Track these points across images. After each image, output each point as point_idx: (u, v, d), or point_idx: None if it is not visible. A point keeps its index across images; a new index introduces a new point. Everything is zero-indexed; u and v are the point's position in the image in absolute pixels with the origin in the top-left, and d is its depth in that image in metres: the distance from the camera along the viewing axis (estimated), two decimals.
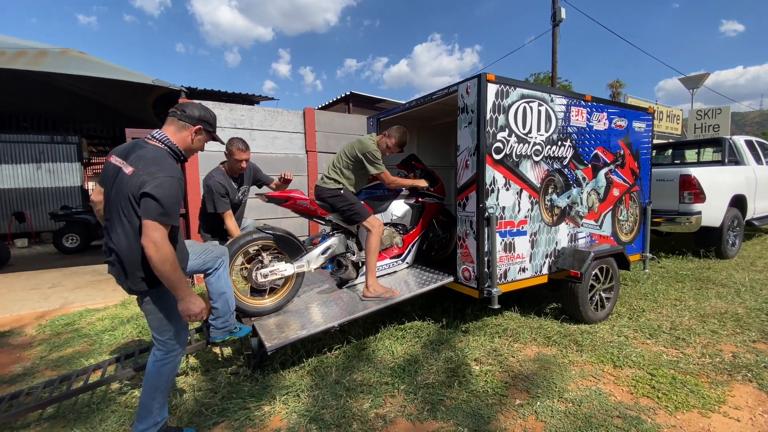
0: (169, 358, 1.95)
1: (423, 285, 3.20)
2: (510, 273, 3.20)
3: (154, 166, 1.67)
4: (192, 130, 1.87)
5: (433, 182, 3.71)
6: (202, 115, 1.90)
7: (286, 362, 2.88)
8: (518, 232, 3.22)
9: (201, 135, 1.91)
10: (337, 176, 3.16)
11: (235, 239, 2.84)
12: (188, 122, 1.85)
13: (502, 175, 3.07)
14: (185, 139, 1.86)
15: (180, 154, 1.86)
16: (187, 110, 1.86)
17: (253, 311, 2.93)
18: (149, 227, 1.61)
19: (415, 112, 4.01)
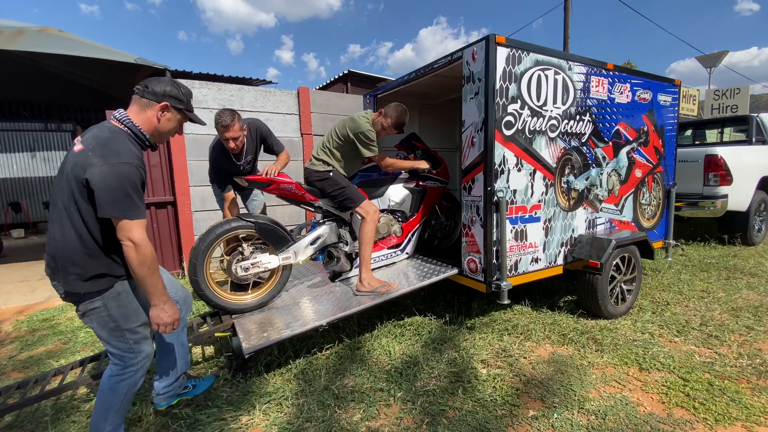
0: (127, 374, 1.66)
1: (424, 278, 2.88)
2: (521, 264, 2.87)
3: (105, 148, 1.42)
4: (157, 108, 1.58)
5: (436, 164, 3.35)
6: (169, 91, 1.60)
7: (272, 364, 2.59)
8: (531, 218, 2.87)
9: (169, 113, 1.62)
10: (326, 157, 2.81)
11: (211, 228, 2.53)
12: (152, 99, 1.57)
13: (514, 154, 2.71)
14: (149, 119, 1.58)
15: (144, 139, 1.59)
16: (150, 85, 1.58)
17: (234, 308, 2.64)
18: (124, 227, 1.42)
19: (415, 86, 3.62)
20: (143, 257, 1.45)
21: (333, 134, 2.83)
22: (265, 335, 2.29)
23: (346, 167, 2.86)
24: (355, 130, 2.71)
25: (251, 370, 2.53)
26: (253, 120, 2.99)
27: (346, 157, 2.83)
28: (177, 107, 1.63)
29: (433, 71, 3.08)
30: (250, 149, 2.95)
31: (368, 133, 2.70)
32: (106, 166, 1.38)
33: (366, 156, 2.76)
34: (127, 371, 1.66)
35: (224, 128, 2.62)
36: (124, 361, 1.65)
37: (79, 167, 1.41)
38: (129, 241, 1.42)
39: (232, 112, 2.65)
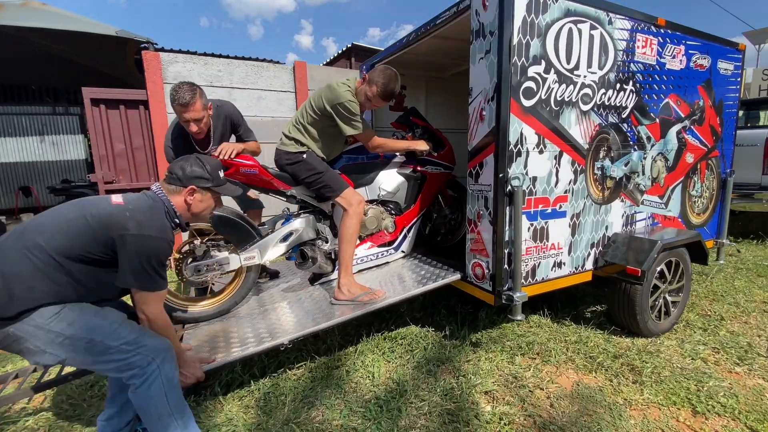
0: (152, 376, 1.41)
1: (419, 283, 2.36)
2: (540, 270, 2.30)
3: (146, 216, 1.42)
4: (185, 193, 1.57)
5: (438, 145, 2.78)
6: (192, 172, 1.57)
7: (233, 383, 2.15)
8: (554, 213, 2.29)
9: (198, 194, 1.60)
10: (299, 136, 2.30)
11: None
12: (178, 184, 1.56)
13: (534, 131, 2.12)
14: (180, 203, 1.58)
15: (176, 218, 1.57)
16: (174, 171, 1.57)
17: (186, 317, 2.19)
18: (141, 298, 1.44)
19: (418, 53, 3.04)
20: (156, 330, 1.48)
21: (307, 107, 2.30)
22: (214, 356, 1.83)
23: (324, 148, 2.34)
24: (333, 100, 2.17)
25: (206, 391, 2.09)
26: (222, 102, 2.49)
27: (324, 136, 2.30)
28: (205, 187, 1.60)
29: (436, 29, 2.48)
30: (218, 136, 2.45)
31: (349, 104, 2.15)
32: (141, 236, 1.36)
33: (347, 134, 2.22)
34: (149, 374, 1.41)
35: (182, 107, 2.11)
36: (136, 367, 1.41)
37: (114, 223, 1.36)
38: (143, 314, 1.45)
39: (192, 86, 2.14)
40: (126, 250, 1.34)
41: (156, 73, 4.29)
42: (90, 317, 1.37)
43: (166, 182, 1.56)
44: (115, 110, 4.34)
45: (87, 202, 1.45)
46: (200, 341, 2.02)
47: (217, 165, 1.65)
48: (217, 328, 2.15)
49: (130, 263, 1.35)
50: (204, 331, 2.13)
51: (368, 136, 2.28)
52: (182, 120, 2.19)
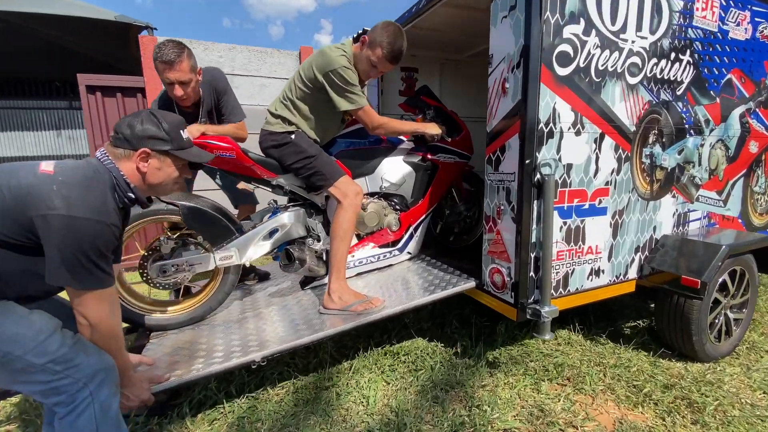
0: (81, 404, 1.12)
1: (426, 291, 1.98)
2: (574, 278, 1.89)
3: (78, 192, 1.08)
4: (135, 158, 1.23)
5: (454, 130, 2.39)
6: (143, 130, 1.23)
7: (206, 402, 1.83)
8: (593, 209, 1.88)
9: (156, 159, 1.26)
10: (287, 113, 1.95)
11: None
12: (126, 147, 1.23)
13: (570, 107, 1.71)
14: (132, 172, 1.24)
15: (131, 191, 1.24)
16: (121, 129, 1.23)
17: (154, 324, 1.89)
18: (77, 299, 1.11)
19: (429, 25, 2.66)
20: (98, 340, 1.16)
21: (296, 79, 1.95)
22: (173, 372, 1.51)
23: (317, 128, 1.99)
24: (325, 67, 1.81)
25: (173, 411, 1.78)
26: (209, 68, 2.17)
27: (317, 113, 1.95)
28: (162, 150, 1.25)
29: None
30: (206, 110, 2.14)
31: (343, 72, 1.79)
32: (70, 218, 1.04)
33: (342, 109, 1.87)
34: (78, 402, 1.11)
35: (166, 66, 1.81)
36: (63, 392, 1.11)
37: (36, 199, 1.04)
38: (82, 318, 1.13)
39: (179, 44, 1.84)
40: (51, 235, 1.04)
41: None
42: (9, 324, 1.06)
43: (113, 145, 1.23)
44: (112, 98, 4.12)
45: (10, 168, 1.12)
46: (164, 353, 1.70)
47: (179, 123, 1.30)
48: (185, 337, 1.83)
49: (60, 253, 1.04)
50: (170, 341, 1.82)
51: (368, 113, 1.91)
52: (165, 82, 1.89)
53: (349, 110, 1.87)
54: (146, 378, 1.43)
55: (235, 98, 2.20)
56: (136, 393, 1.35)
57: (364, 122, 1.92)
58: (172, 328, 1.91)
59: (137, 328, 1.95)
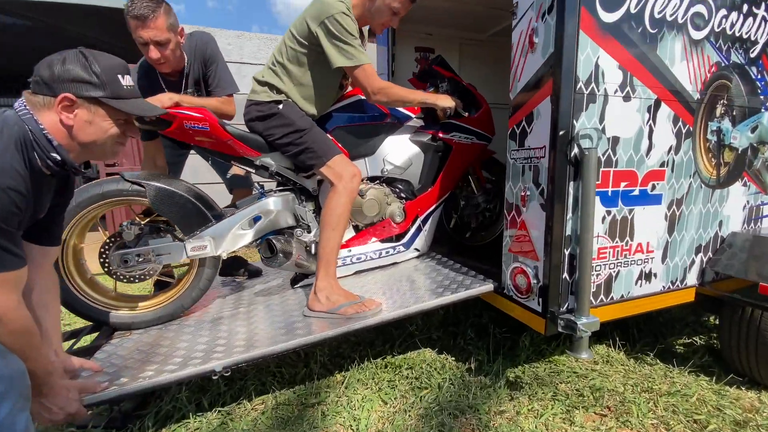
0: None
1: (434, 293, 1.65)
2: (619, 283, 1.52)
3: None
4: (57, 107, 0.98)
5: (471, 106, 2.05)
6: (66, 71, 0.97)
7: (174, 414, 1.56)
8: (644, 196, 1.50)
9: (84, 110, 1.00)
10: (275, 79, 1.68)
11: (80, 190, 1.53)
12: (45, 92, 0.97)
13: (618, 63, 1.35)
14: (54, 124, 0.99)
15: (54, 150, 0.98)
16: (40, 71, 0.98)
17: (118, 322, 1.64)
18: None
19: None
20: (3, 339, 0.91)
21: (287, 38, 1.67)
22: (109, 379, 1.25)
23: (309, 98, 1.70)
24: (320, 15, 1.51)
25: (134, 425, 1.52)
26: (198, 32, 1.93)
27: (310, 78, 1.66)
28: (91, 97, 1.00)
29: None
30: (193, 79, 1.90)
31: (341, 18, 1.49)
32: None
33: (336, 65, 1.57)
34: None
35: (139, 22, 1.57)
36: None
37: None
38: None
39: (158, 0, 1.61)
40: None
41: None
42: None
43: (31, 92, 0.99)
44: None
45: None
46: (120, 356, 1.45)
47: (117, 65, 1.05)
48: (148, 339, 1.57)
49: None
50: (132, 342, 1.56)
51: (368, 73, 1.59)
52: (139, 42, 1.66)
53: (345, 67, 1.57)
54: (75, 386, 1.16)
55: (225, 68, 1.95)
56: (60, 404, 1.09)
57: (363, 85, 1.61)
58: (138, 327, 1.66)
59: (101, 326, 1.71)
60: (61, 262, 1.55)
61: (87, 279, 1.64)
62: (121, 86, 1.05)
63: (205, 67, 1.91)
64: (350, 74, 1.61)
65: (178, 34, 1.71)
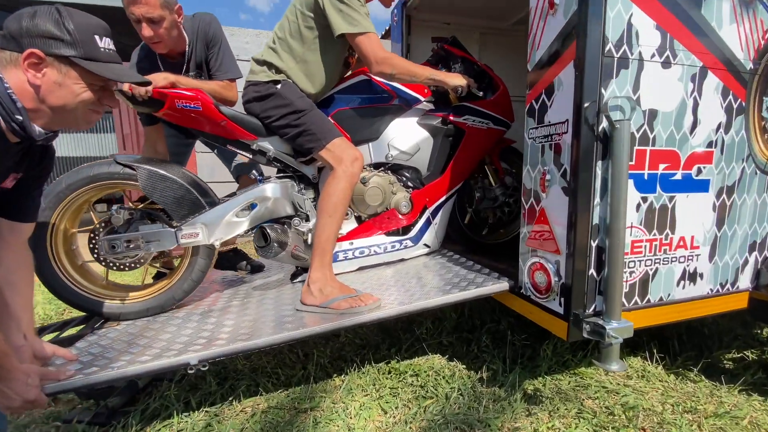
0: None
1: (440, 291, 1.48)
2: (658, 283, 1.30)
3: None
4: (23, 64, 0.88)
5: (488, 87, 1.89)
6: (34, 26, 0.88)
7: (161, 413, 1.47)
8: (688, 181, 1.29)
9: (54, 69, 0.91)
10: (274, 57, 1.59)
11: (62, 177, 1.48)
12: (12, 48, 0.89)
13: (655, 22, 1.16)
14: (21, 83, 0.90)
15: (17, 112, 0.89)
16: (8, 25, 0.89)
17: (106, 312, 1.56)
18: None
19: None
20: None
21: (289, 14, 1.58)
22: (88, 369, 1.16)
23: (311, 75, 1.59)
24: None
25: (118, 422, 1.43)
26: (201, 13, 1.88)
27: (313, 53, 1.56)
28: (62, 55, 0.91)
29: None
30: (195, 62, 1.84)
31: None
32: None
33: (339, 32, 1.45)
34: None
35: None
36: None
37: None
38: None
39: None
40: None
41: None
42: None
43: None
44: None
45: None
46: (102, 346, 1.36)
47: (96, 26, 0.96)
48: (133, 330, 1.48)
49: None
50: (117, 332, 1.47)
51: (372, 40, 1.47)
52: (131, 19, 1.60)
53: (348, 34, 1.46)
54: (36, 372, 1.06)
55: (228, 51, 1.88)
56: (17, 389, 1.00)
57: (366, 53, 1.48)
58: (127, 318, 1.58)
59: (92, 317, 1.64)
60: (50, 247, 1.49)
61: (77, 266, 1.58)
62: (98, 47, 0.95)
63: (207, 49, 1.85)
64: (353, 42, 1.49)
65: (175, 12, 1.64)
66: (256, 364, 1.77)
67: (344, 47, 1.60)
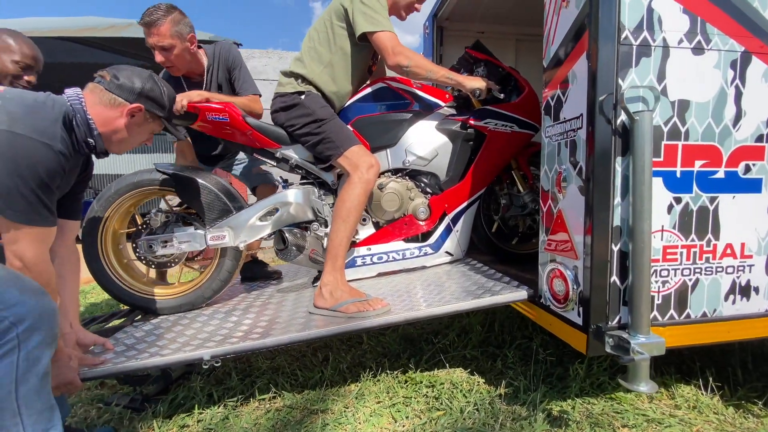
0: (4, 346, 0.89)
1: (456, 299, 1.43)
2: (699, 295, 1.15)
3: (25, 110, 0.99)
4: (126, 110, 1.17)
5: (512, 89, 1.82)
6: (148, 89, 1.20)
7: (186, 402, 1.56)
8: (733, 180, 1.13)
9: (141, 119, 1.21)
10: (300, 68, 1.67)
11: (113, 183, 1.66)
12: (122, 96, 1.17)
13: (680, 6, 1.06)
14: (112, 120, 1.17)
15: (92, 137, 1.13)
16: (121, 76, 1.18)
17: (143, 306, 1.71)
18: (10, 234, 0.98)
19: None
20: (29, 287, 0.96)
21: (317, 24, 1.68)
22: (118, 359, 1.27)
23: (338, 78, 1.67)
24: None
25: (150, 407, 1.54)
26: (221, 42, 2.06)
27: (339, 58, 1.63)
28: (156, 114, 1.23)
29: None
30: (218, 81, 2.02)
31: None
32: (12, 135, 0.94)
33: (361, 31, 1.52)
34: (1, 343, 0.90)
35: (146, 27, 1.72)
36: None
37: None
38: (16, 258, 0.99)
39: (168, 7, 1.74)
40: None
41: None
42: None
43: (105, 87, 1.14)
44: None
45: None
46: (135, 337, 1.48)
47: (173, 98, 1.31)
48: (165, 324, 1.59)
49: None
50: (151, 326, 1.60)
51: (390, 36, 1.53)
52: (149, 46, 1.80)
53: (368, 33, 1.53)
54: (77, 357, 1.19)
55: (248, 72, 2.03)
56: (59, 370, 1.12)
57: (384, 46, 1.53)
58: (162, 313, 1.71)
59: (134, 310, 1.80)
60: (100, 246, 1.67)
61: (123, 263, 1.75)
62: (174, 114, 1.37)
63: (229, 73, 2.00)
64: (372, 39, 1.55)
65: (188, 41, 1.79)
66: (277, 363, 1.82)
67: (368, 53, 1.67)
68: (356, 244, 1.76)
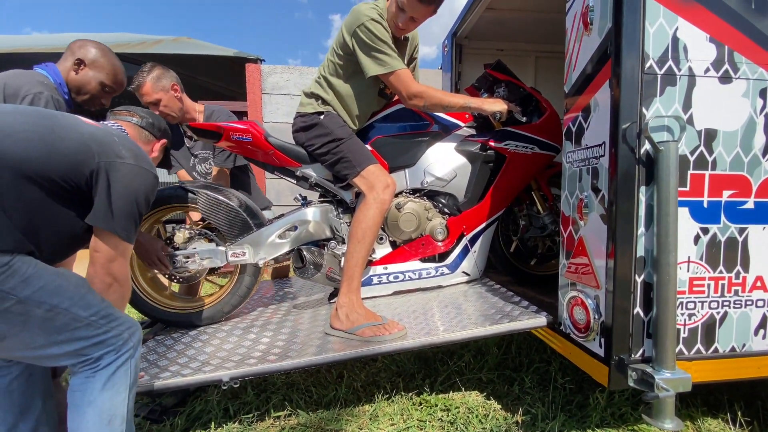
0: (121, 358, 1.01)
1: (473, 323, 1.41)
2: (727, 329, 1.10)
3: (135, 145, 1.17)
4: (158, 145, 1.44)
5: (536, 110, 1.82)
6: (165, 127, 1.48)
7: (202, 416, 1.58)
8: (764, 211, 1.10)
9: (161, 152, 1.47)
10: (320, 90, 1.70)
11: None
12: (155, 134, 1.41)
13: (707, 35, 1.05)
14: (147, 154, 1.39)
15: None
16: (152, 117, 1.41)
17: (164, 319, 1.75)
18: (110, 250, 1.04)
19: (509, 4, 2.20)
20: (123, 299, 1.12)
21: (329, 53, 1.71)
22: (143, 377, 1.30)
23: (352, 108, 1.69)
24: (352, 25, 1.51)
25: (168, 419, 1.57)
26: (211, 105, 2.15)
27: (351, 88, 1.65)
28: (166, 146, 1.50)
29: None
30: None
31: (371, 25, 1.47)
32: (139, 168, 1.09)
33: (370, 74, 1.53)
34: (120, 355, 1.02)
35: (135, 91, 1.87)
36: (109, 347, 1.01)
37: (101, 145, 1.04)
38: (110, 276, 1.05)
39: (151, 67, 1.88)
40: (116, 182, 1.03)
41: (256, 84, 4.43)
42: (50, 276, 0.95)
43: (140, 126, 1.36)
44: None
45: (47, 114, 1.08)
46: (157, 353, 1.52)
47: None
48: (186, 339, 1.62)
49: (120, 200, 1.03)
50: (172, 340, 1.63)
51: (402, 78, 1.53)
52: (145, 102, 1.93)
53: (378, 75, 1.53)
54: None
55: None
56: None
57: (398, 89, 1.55)
58: (181, 327, 1.74)
59: (155, 322, 1.84)
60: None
61: (148, 278, 1.80)
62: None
63: None
64: (385, 81, 1.56)
65: (171, 89, 1.90)
66: (293, 379, 1.83)
67: (377, 81, 1.67)
68: (373, 263, 1.76)
